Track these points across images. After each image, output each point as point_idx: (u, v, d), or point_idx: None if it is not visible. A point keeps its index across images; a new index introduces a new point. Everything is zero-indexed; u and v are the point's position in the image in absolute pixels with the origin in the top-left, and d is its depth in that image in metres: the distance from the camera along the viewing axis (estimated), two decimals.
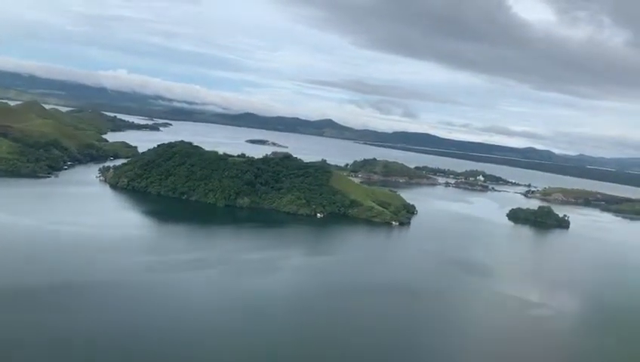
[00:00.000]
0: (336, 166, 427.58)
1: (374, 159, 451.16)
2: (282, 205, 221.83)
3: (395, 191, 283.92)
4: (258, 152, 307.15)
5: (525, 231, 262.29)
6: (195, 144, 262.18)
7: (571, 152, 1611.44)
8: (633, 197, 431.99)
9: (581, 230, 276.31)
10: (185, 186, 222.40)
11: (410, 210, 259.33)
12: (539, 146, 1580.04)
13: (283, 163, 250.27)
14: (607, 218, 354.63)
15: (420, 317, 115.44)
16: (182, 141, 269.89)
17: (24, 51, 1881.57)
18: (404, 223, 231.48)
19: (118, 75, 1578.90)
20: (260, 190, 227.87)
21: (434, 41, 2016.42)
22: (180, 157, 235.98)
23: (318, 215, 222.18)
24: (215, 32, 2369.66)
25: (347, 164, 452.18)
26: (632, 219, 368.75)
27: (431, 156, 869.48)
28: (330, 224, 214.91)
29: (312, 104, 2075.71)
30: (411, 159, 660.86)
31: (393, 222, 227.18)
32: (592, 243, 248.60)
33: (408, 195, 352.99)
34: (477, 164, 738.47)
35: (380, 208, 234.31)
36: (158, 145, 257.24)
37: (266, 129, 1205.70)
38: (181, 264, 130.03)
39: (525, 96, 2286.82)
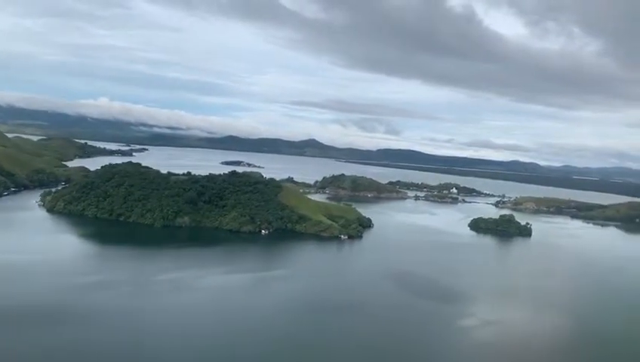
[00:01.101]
0: (304, 183, 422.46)
1: (343, 175, 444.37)
2: (225, 223, 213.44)
3: (351, 205, 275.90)
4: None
5: (483, 241, 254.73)
6: (166, 167, 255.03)
7: (556, 163, 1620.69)
8: (607, 203, 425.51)
9: (543, 238, 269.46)
10: (122, 208, 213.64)
11: (365, 224, 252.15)
12: (524, 159, 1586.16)
13: (230, 180, 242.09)
14: (575, 225, 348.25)
15: (329, 332, 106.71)
16: (129, 162, 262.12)
17: (3, 82, 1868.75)
18: (355, 237, 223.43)
19: (99, 103, 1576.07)
20: (203, 208, 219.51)
21: (412, 59, 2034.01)
22: (120, 178, 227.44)
23: (263, 231, 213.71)
24: (199, 58, 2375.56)
25: (317, 181, 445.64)
26: (602, 225, 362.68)
27: (415, 172, 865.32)
28: (273, 240, 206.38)
29: (296, 125, 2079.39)
30: (391, 175, 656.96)
31: (342, 236, 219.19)
32: (548, 250, 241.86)
33: (371, 209, 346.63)
34: (461, 178, 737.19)
35: (329, 222, 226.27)
36: (102, 167, 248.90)
37: (249, 151, 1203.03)
38: (82, 286, 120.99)
39: (506, 109, 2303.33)
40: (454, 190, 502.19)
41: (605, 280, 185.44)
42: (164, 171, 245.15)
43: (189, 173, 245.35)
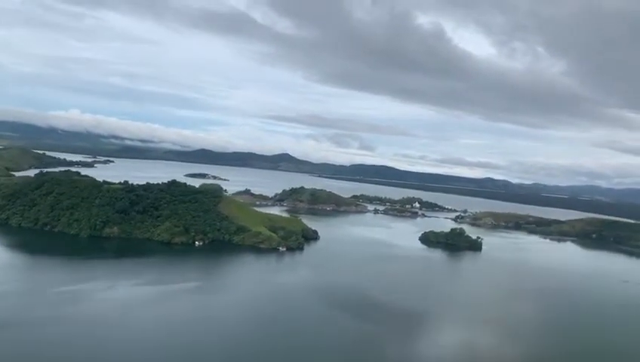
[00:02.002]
0: (261, 195, 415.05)
1: (302, 188, 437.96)
2: (156, 234, 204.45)
3: (297, 217, 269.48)
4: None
5: (428, 254, 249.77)
6: (125, 178, 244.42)
7: (527, 181, 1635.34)
8: (564, 219, 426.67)
9: (493, 252, 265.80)
10: (49, 217, 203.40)
11: (310, 236, 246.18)
12: (496, 176, 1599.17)
13: (168, 189, 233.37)
14: (529, 239, 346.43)
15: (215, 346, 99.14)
16: (67, 170, 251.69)
17: None
18: (295, 249, 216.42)
19: (70, 115, 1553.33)
20: (135, 218, 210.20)
21: (383, 75, 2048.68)
22: (49, 186, 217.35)
23: (197, 243, 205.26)
24: (172, 71, 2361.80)
25: (276, 194, 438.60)
26: (558, 240, 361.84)
27: (387, 187, 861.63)
28: (205, 252, 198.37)
29: (271, 139, 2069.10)
30: (361, 189, 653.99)
31: (280, 248, 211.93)
32: (492, 263, 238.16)
33: (324, 222, 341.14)
34: (429, 194, 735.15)
35: (269, 234, 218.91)
36: (35, 175, 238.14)
37: (221, 164, 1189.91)
38: None
39: (477, 127, 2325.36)
40: (417, 204, 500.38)
41: (542, 289, 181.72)
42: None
43: (125, 182, 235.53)
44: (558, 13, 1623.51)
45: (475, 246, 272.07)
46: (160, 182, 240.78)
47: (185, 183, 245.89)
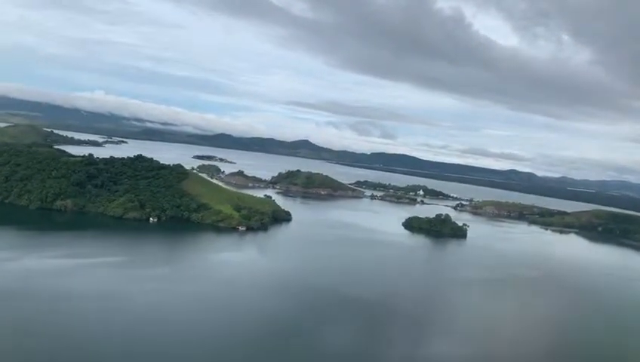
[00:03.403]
0: (254, 177, 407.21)
1: (298, 171, 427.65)
2: (110, 208, 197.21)
3: (270, 197, 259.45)
4: None
5: (406, 240, 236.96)
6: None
7: (554, 174, 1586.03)
8: (571, 210, 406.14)
9: (477, 240, 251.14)
10: (1, 187, 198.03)
11: (281, 217, 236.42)
12: (521, 168, 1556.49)
13: (132, 164, 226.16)
14: (527, 229, 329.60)
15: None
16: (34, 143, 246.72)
17: (1, 72, 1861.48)
18: (257, 229, 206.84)
19: (94, 96, 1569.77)
20: (92, 192, 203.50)
21: (403, 62, 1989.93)
22: (7, 156, 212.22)
23: (151, 219, 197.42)
24: (196, 55, 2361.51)
25: (273, 177, 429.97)
26: (560, 232, 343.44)
27: (406, 176, 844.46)
28: (157, 228, 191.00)
29: (292, 126, 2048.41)
30: (375, 176, 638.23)
31: (240, 228, 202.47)
32: (468, 252, 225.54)
33: (310, 205, 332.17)
34: (446, 184, 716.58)
35: (230, 212, 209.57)
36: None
37: (240, 149, 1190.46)
38: None
39: (501, 118, 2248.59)
40: (421, 192, 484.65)
41: (504, 279, 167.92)
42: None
43: (90, 156, 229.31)
44: None
45: (460, 233, 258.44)
46: (125, 157, 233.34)
47: (151, 158, 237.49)
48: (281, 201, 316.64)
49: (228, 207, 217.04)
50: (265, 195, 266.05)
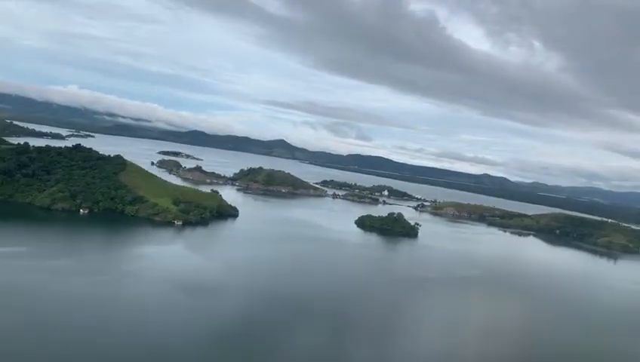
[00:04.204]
0: (214, 173, 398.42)
1: (261, 168, 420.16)
2: (39, 199, 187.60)
3: (217, 192, 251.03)
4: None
5: (354, 238, 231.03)
6: None
7: (527, 180, 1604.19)
8: (532, 213, 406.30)
9: (428, 239, 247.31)
10: None
11: (227, 213, 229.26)
12: (495, 173, 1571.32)
13: (69, 154, 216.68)
14: (483, 231, 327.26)
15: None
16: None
17: None
18: (196, 224, 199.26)
19: (68, 90, 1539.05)
20: (20, 181, 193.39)
21: (380, 64, 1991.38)
22: None
23: (82, 211, 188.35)
24: (174, 52, 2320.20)
25: (235, 174, 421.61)
26: (519, 234, 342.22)
27: (375, 177, 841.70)
28: (86, 220, 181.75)
29: (269, 125, 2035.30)
30: (346, 177, 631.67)
31: (176, 222, 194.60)
32: (412, 251, 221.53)
33: (265, 201, 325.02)
34: (414, 185, 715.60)
35: (167, 206, 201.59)
36: None
37: (213, 147, 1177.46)
38: None
39: (476, 123, 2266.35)
40: (385, 192, 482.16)
41: (443, 278, 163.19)
42: None
43: (25, 144, 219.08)
44: (551, 5, 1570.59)
45: (411, 232, 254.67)
46: (63, 146, 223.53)
47: (90, 149, 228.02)
48: (237, 198, 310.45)
49: (166, 200, 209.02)
50: (212, 190, 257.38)
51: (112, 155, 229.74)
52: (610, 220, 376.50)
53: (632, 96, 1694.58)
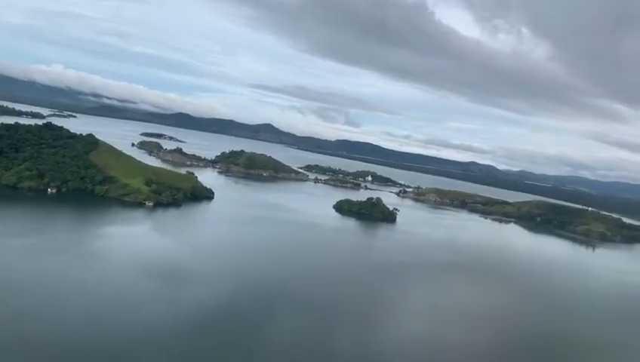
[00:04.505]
0: (194, 156, 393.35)
1: (242, 151, 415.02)
2: (5, 177, 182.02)
3: (192, 174, 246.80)
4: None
5: (330, 222, 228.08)
6: None
7: (514, 168, 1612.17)
8: (513, 201, 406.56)
9: (406, 225, 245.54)
10: None
11: (202, 195, 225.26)
12: (483, 161, 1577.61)
13: (39, 132, 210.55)
14: (463, 217, 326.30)
15: None
16: None
17: None
18: (167, 205, 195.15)
19: (52, 70, 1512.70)
20: None
21: (369, 49, 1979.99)
22: None
23: (50, 190, 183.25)
24: (163, 33, 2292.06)
25: (216, 156, 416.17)
26: (499, 221, 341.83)
27: (366, 164, 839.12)
28: (53, 199, 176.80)
29: (257, 109, 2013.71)
30: (331, 162, 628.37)
31: (147, 203, 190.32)
32: (394, 236, 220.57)
33: (244, 185, 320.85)
34: (409, 173, 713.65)
35: (138, 187, 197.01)
36: None
37: (199, 130, 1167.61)
38: None
39: (464, 110, 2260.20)
40: (369, 178, 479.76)
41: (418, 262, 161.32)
42: None
43: None
44: None
45: (389, 217, 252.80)
46: (33, 124, 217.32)
47: (61, 127, 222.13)
48: (215, 181, 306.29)
49: (139, 181, 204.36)
50: (187, 171, 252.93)
51: (83, 134, 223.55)
52: (590, 208, 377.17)
53: (620, 86, 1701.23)
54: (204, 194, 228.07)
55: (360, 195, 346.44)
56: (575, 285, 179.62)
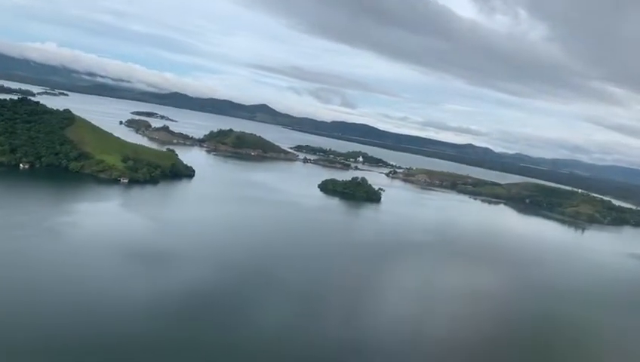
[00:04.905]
0: (181, 134, 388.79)
1: (231, 130, 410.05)
2: None
3: (173, 151, 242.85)
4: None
5: (313, 201, 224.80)
6: None
7: (510, 151, 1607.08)
8: (504, 182, 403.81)
9: (390, 204, 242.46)
10: None
11: (182, 173, 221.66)
12: (479, 144, 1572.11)
13: (13, 107, 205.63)
14: (451, 198, 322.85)
15: None
16: None
17: None
18: (144, 182, 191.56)
19: (47, 48, 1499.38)
20: None
21: (366, 28, 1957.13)
22: None
23: (22, 165, 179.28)
24: (164, 12, 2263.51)
25: (205, 135, 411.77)
26: (489, 202, 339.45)
27: (362, 145, 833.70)
28: (25, 175, 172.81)
29: (253, 89, 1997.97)
30: (326, 143, 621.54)
31: (122, 180, 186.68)
32: (375, 215, 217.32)
33: (231, 163, 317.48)
34: (404, 155, 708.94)
35: (113, 163, 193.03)
36: None
37: (194, 110, 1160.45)
38: None
39: (461, 92, 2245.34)
40: (360, 158, 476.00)
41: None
42: None
43: None
44: None
45: (374, 197, 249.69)
46: (8, 99, 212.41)
47: (37, 102, 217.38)
48: (201, 159, 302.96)
49: (116, 157, 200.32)
50: (167, 148, 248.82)
51: (61, 109, 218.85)
52: (580, 191, 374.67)
53: (617, 68, 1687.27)
54: (185, 173, 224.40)
55: (348, 176, 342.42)
56: (552, 265, 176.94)
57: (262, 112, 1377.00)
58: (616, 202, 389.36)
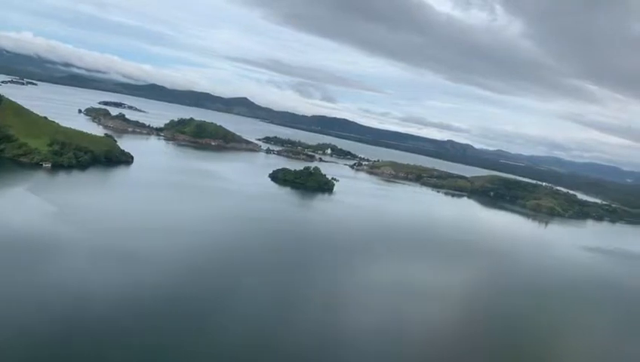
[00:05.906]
0: (138, 123, 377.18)
1: (191, 119, 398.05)
2: None
3: (111, 137, 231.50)
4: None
5: (262, 190, 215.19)
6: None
7: (490, 147, 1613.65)
8: (472, 175, 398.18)
9: (342, 195, 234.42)
10: None
11: (118, 159, 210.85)
12: (460, 140, 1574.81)
13: None
14: (411, 190, 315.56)
15: None
16: None
17: None
18: (70, 167, 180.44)
19: (21, 37, 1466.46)
20: None
21: (343, 21, 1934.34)
22: None
23: None
24: (145, 3, 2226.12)
25: (165, 124, 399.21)
26: (452, 195, 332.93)
27: (341, 140, 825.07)
28: None
29: (233, 82, 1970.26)
30: (297, 136, 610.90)
31: (44, 164, 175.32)
32: (320, 204, 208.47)
33: (181, 152, 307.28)
34: (380, 150, 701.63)
35: (36, 147, 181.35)
36: None
37: (172, 102, 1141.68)
38: None
39: (442, 88, 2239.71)
40: (328, 150, 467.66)
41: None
42: None
43: None
44: None
45: (326, 187, 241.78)
46: None
47: None
48: (152, 147, 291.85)
49: (43, 141, 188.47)
50: (106, 134, 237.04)
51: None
52: (544, 184, 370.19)
53: (592, 66, 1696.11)
54: (122, 159, 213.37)
55: (308, 165, 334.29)
56: (492, 256, 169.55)
57: (241, 105, 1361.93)
58: (583, 197, 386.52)
